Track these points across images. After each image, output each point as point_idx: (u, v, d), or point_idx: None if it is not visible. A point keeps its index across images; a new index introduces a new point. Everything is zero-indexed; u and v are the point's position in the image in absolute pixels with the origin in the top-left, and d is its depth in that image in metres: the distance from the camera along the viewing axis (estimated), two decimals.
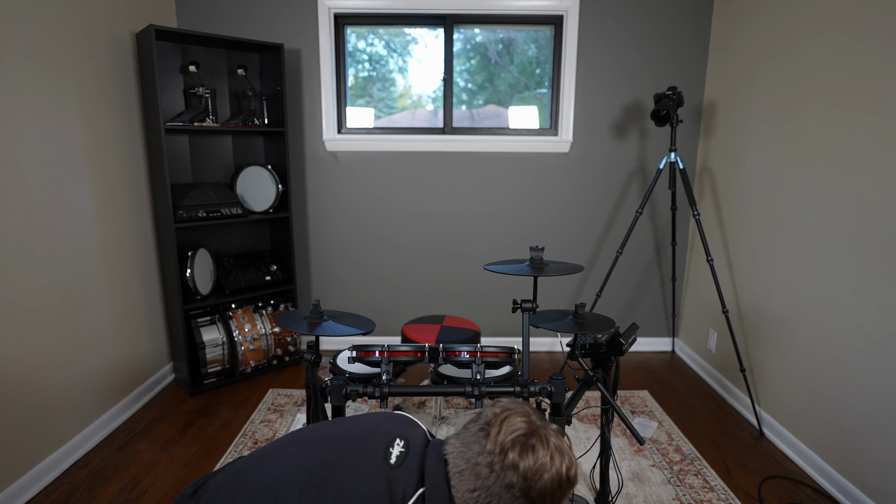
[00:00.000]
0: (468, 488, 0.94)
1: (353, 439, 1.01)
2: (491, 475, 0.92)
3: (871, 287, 1.90)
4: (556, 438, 0.97)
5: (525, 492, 0.92)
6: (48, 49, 2.06)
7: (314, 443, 1.02)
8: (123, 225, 2.55)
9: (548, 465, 0.93)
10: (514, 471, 0.92)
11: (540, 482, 0.92)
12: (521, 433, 0.95)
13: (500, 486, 0.92)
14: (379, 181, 3.23)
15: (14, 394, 1.90)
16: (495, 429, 0.96)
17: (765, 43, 2.55)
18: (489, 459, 0.93)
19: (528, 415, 0.99)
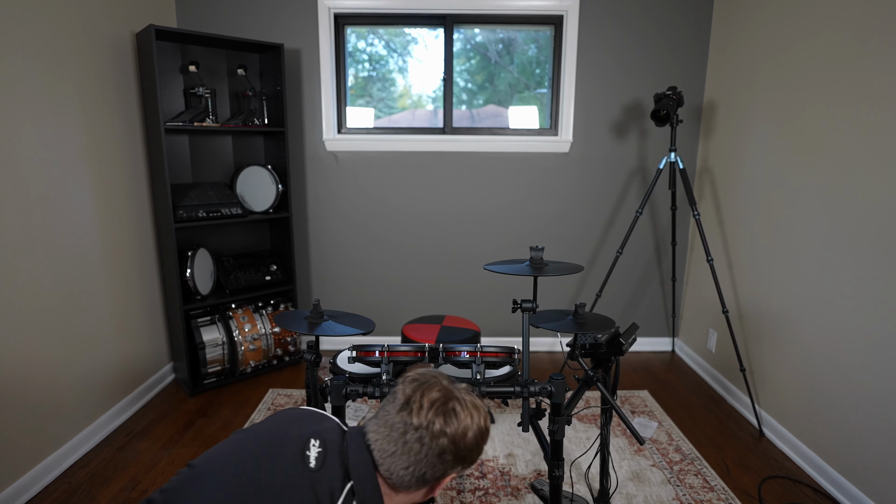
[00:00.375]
0: (402, 466, 0.97)
1: (266, 455, 0.97)
2: (423, 448, 0.96)
3: (872, 287, 1.90)
4: (469, 396, 1.04)
5: (455, 454, 0.98)
6: (48, 49, 2.06)
7: (227, 469, 0.96)
8: (123, 225, 2.55)
9: (470, 424, 1.00)
10: (444, 437, 0.96)
11: (466, 441, 0.99)
12: (441, 401, 0.99)
13: (434, 455, 0.97)
14: (379, 181, 3.23)
15: (14, 393, 1.90)
16: (416, 404, 0.99)
17: (765, 43, 2.55)
18: (418, 434, 0.96)
19: (440, 382, 1.04)
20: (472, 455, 1.02)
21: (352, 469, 0.97)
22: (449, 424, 0.97)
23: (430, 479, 0.99)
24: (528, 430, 1.64)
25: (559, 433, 1.59)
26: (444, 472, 1.00)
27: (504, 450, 2.31)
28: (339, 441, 1.02)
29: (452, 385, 1.05)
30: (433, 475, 0.99)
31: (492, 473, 2.15)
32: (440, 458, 0.97)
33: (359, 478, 0.96)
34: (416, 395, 1.00)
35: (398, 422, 0.98)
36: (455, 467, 1.01)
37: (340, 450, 1.00)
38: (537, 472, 2.17)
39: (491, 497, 2.01)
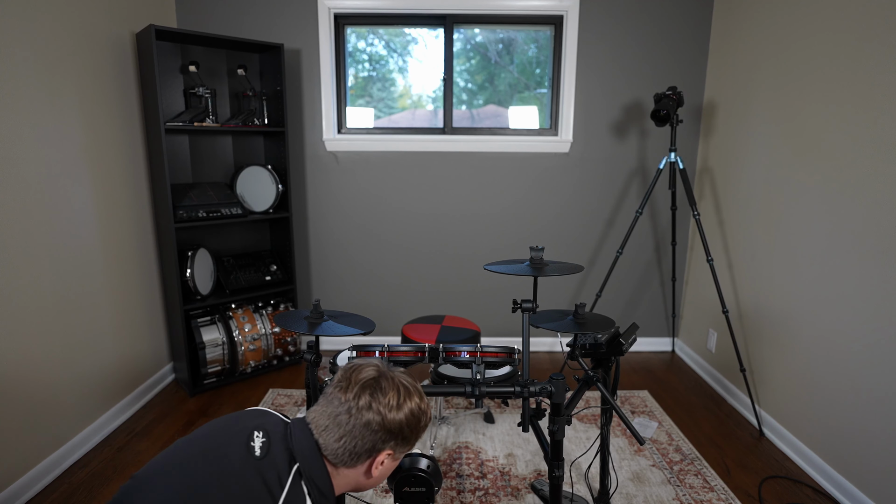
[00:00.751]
0: (334, 439, 1.03)
1: (212, 450, 0.99)
2: (350, 419, 1.02)
3: (872, 287, 1.90)
4: (402, 378, 1.11)
5: (383, 426, 1.03)
6: (48, 49, 2.06)
7: (174, 472, 0.96)
8: (123, 225, 2.55)
9: (397, 401, 1.06)
10: (369, 410, 1.03)
11: (395, 417, 1.05)
12: (371, 378, 1.07)
13: (360, 426, 1.02)
14: (379, 181, 3.23)
15: (14, 393, 1.90)
16: (346, 382, 1.06)
17: (765, 42, 2.55)
18: (346, 407, 1.03)
19: (376, 365, 1.11)
20: (404, 432, 1.06)
21: (296, 452, 1.01)
22: (375, 399, 1.04)
23: (361, 452, 1.04)
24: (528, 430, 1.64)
25: (559, 433, 1.59)
26: (374, 446, 1.04)
27: (504, 450, 2.31)
28: (283, 430, 1.06)
29: (387, 368, 1.12)
30: (363, 447, 1.03)
31: (492, 473, 2.15)
32: (367, 428, 1.02)
33: (303, 458, 1.01)
34: (349, 374, 1.08)
35: (332, 398, 1.05)
36: (387, 442, 1.05)
37: (284, 437, 1.03)
38: (537, 472, 2.17)
39: (491, 497, 2.01)
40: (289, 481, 0.97)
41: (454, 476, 2.13)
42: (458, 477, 2.12)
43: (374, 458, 1.07)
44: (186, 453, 0.99)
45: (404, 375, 1.13)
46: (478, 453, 2.29)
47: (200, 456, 0.98)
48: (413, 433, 1.09)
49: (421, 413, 1.10)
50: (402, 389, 1.08)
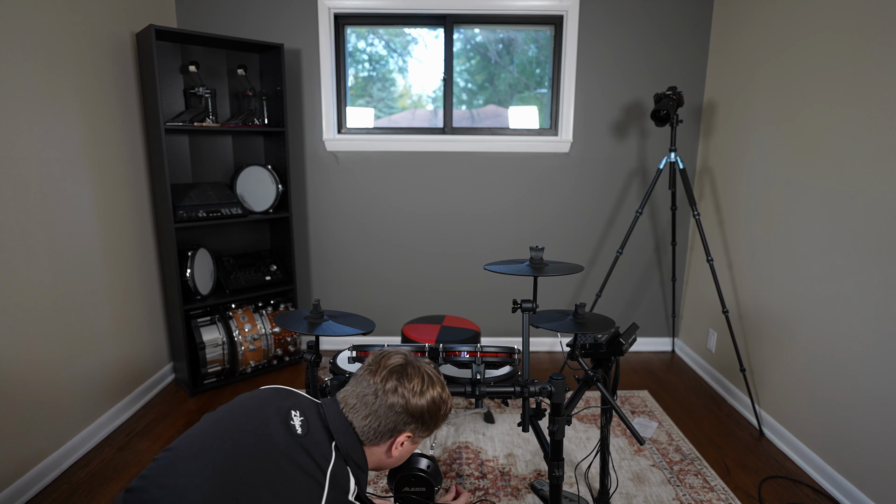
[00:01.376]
0: (361, 416, 1.13)
1: (249, 430, 1.02)
2: (376, 400, 1.13)
3: (872, 287, 1.90)
4: (427, 368, 1.20)
5: (406, 409, 1.13)
6: (48, 49, 2.06)
7: (211, 450, 0.98)
8: (123, 225, 2.55)
9: (421, 387, 1.15)
10: (395, 393, 1.13)
11: (418, 402, 1.14)
12: (399, 365, 1.17)
13: (385, 407, 1.12)
14: (379, 181, 3.23)
15: (14, 393, 1.90)
16: (376, 366, 1.17)
17: (765, 42, 2.55)
18: (373, 388, 1.13)
19: (404, 354, 1.21)
20: (424, 417, 1.16)
21: (333, 429, 1.10)
22: (401, 383, 1.14)
23: (384, 431, 1.13)
24: (528, 430, 1.64)
25: (559, 433, 1.59)
26: (396, 427, 1.14)
27: (504, 450, 2.31)
28: (316, 409, 1.15)
29: (414, 358, 1.21)
30: (386, 426, 1.13)
31: (492, 473, 2.15)
32: (391, 409, 1.12)
33: (339, 435, 1.10)
34: (379, 359, 1.19)
35: (361, 380, 1.16)
36: (408, 424, 1.15)
37: (319, 415, 1.13)
38: (537, 472, 2.17)
39: (491, 497, 2.01)
40: (332, 457, 1.06)
41: (454, 476, 2.13)
42: (458, 477, 2.12)
43: (395, 439, 1.15)
44: (220, 430, 1.03)
45: (430, 366, 1.22)
46: (478, 453, 2.29)
47: (237, 434, 1.02)
48: (433, 419, 1.18)
49: (441, 402, 1.19)
50: (426, 378, 1.17)
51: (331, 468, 1.03)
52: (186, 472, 0.95)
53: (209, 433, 1.03)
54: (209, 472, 0.94)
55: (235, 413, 1.08)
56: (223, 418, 1.06)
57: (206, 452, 0.98)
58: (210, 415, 1.09)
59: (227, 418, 1.06)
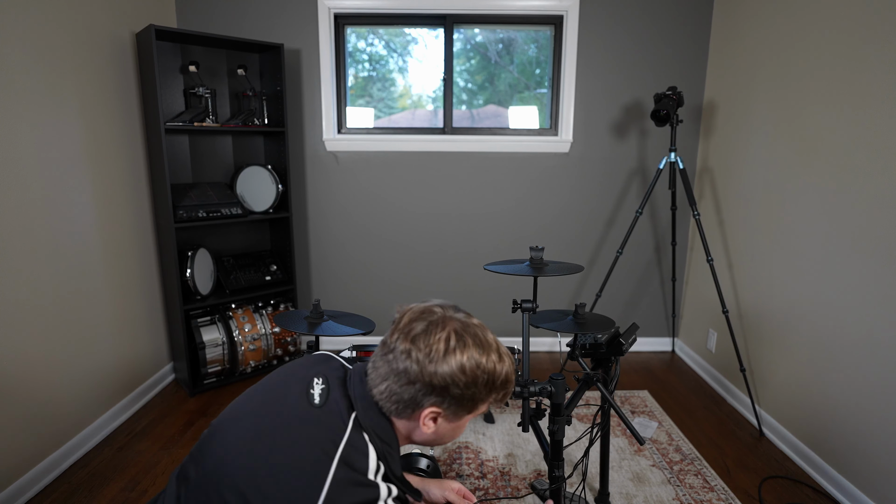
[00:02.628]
0: (377, 383, 0.93)
1: (274, 399, 0.96)
2: (391, 362, 0.91)
3: (872, 287, 1.90)
4: (461, 325, 0.93)
5: (421, 377, 0.89)
6: (48, 49, 2.06)
7: (243, 420, 0.95)
8: (123, 225, 2.55)
9: (445, 350, 0.89)
10: (407, 356, 0.89)
11: (436, 367, 0.89)
12: (421, 326, 0.92)
13: (397, 371, 0.90)
14: (379, 181, 3.23)
15: (14, 394, 1.90)
16: (396, 321, 0.95)
17: (765, 42, 2.55)
18: (390, 347, 0.92)
19: (437, 306, 0.96)
20: (450, 389, 0.90)
21: (353, 397, 0.94)
22: (416, 345, 0.90)
23: (402, 403, 0.92)
24: (528, 430, 1.64)
25: (559, 433, 1.59)
26: (414, 398, 0.91)
27: (504, 450, 2.31)
28: (343, 375, 0.99)
29: (452, 315, 0.95)
30: (401, 397, 0.91)
31: (492, 473, 2.15)
32: (405, 376, 0.90)
33: (360, 405, 0.93)
34: (402, 313, 0.96)
35: (385, 339, 0.95)
36: (429, 398, 0.91)
37: (342, 382, 0.97)
38: (537, 472, 2.17)
39: (491, 497, 2.01)
40: (348, 430, 0.90)
41: (454, 476, 2.13)
42: (458, 477, 2.12)
43: (418, 413, 0.93)
44: (254, 401, 0.98)
45: (473, 325, 0.95)
46: (478, 453, 2.29)
47: (265, 403, 0.95)
48: (469, 394, 0.92)
49: (479, 370, 0.90)
50: (454, 338, 0.90)
51: (344, 442, 0.87)
52: (222, 445, 0.93)
53: (244, 406, 0.99)
54: (241, 444, 0.91)
55: (269, 383, 1.01)
56: (256, 389, 1.01)
57: (238, 424, 0.95)
58: (253, 386, 1.04)
59: (260, 389, 1.01)
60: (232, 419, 0.97)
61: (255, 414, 0.95)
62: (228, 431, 0.95)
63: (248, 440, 0.91)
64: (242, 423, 0.95)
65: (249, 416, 0.95)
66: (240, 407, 1.00)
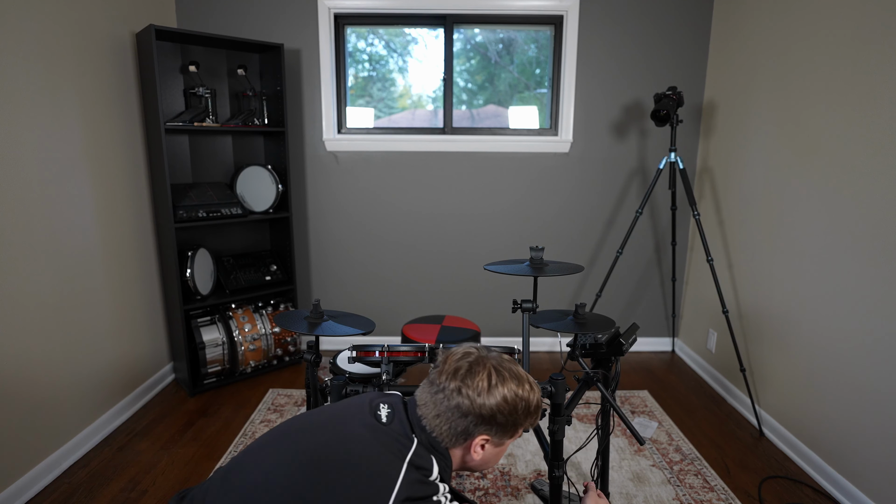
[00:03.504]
0: (432, 416, 1.08)
1: (335, 419, 1.08)
2: (444, 400, 1.07)
3: (871, 287, 1.90)
4: (497, 363, 1.10)
5: (472, 410, 1.06)
6: (48, 49, 2.06)
7: (301, 432, 1.07)
8: (123, 225, 2.55)
9: (488, 386, 1.06)
10: (458, 394, 1.06)
11: (484, 400, 1.06)
12: (465, 362, 1.10)
13: (451, 407, 1.06)
14: (379, 181, 3.23)
15: (14, 393, 1.90)
16: (442, 364, 1.11)
17: (765, 43, 2.55)
18: (440, 387, 1.08)
19: (474, 349, 1.14)
20: (497, 418, 1.06)
21: (413, 422, 1.09)
22: (465, 383, 1.06)
23: (457, 434, 1.07)
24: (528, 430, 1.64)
25: (559, 433, 1.59)
26: (467, 430, 1.06)
27: None
28: (402, 403, 1.15)
29: (485, 353, 1.13)
30: (456, 429, 1.06)
31: (492, 473, 2.15)
32: (458, 411, 1.06)
33: (418, 429, 1.08)
34: (446, 356, 1.13)
35: (432, 380, 1.11)
36: (479, 426, 1.07)
37: (404, 408, 1.13)
38: (537, 472, 2.17)
39: (491, 497, 2.01)
40: (414, 443, 1.05)
41: (454, 476, 2.13)
42: (458, 477, 2.12)
43: (470, 442, 1.09)
44: (307, 421, 1.09)
45: (505, 361, 1.12)
46: None
47: (324, 423, 1.08)
48: (511, 421, 1.08)
49: (518, 400, 1.08)
50: (494, 374, 1.07)
51: (412, 451, 1.03)
52: (272, 452, 1.03)
53: (293, 425, 1.09)
54: (289, 458, 1.01)
55: (325, 409, 1.14)
56: (311, 414, 1.13)
57: (287, 439, 1.05)
58: (298, 415, 1.15)
59: (316, 414, 1.12)
60: (281, 436, 1.08)
61: (309, 431, 1.06)
62: (282, 445, 1.05)
63: (302, 453, 1.01)
64: (293, 439, 1.05)
65: (302, 433, 1.06)
66: (289, 426, 1.10)
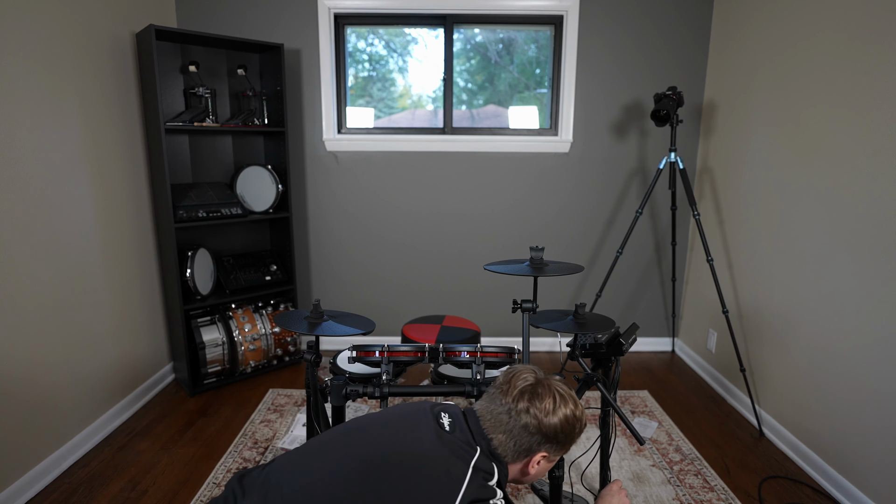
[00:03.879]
0: (500, 431, 1.14)
1: (403, 427, 1.12)
2: (510, 420, 1.13)
3: (871, 287, 1.90)
4: (559, 385, 1.18)
5: (539, 430, 1.12)
6: (48, 49, 2.06)
7: (369, 431, 1.11)
8: (123, 225, 2.55)
9: (553, 406, 1.14)
10: (527, 413, 1.12)
11: (550, 421, 1.13)
12: (529, 384, 1.16)
13: (519, 427, 1.12)
14: (379, 181, 3.23)
15: (14, 394, 1.90)
16: (506, 385, 1.17)
17: (765, 43, 2.55)
18: (507, 408, 1.14)
19: (533, 371, 1.20)
20: (559, 437, 1.15)
21: (475, 433, 1.14)
22: (532, 403, 1.13)
23: (519, 451, 1.14)
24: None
25: None
26: (531, 447, 1.13)
27: None
28: (461, 414, 1.19)
29: (544, 375, 1.20)
30: (521, 446, 1.13)
31: None
32: (525, 430, 1.12)
33: (481, 439, 1.13)
34: (510, 377, 1.18)
35: (494, 399, 1.17)
36: (543, 445, 1.14)
37: (464, 418, 1.18)
38: None
39: None
40: (477, 451, 1.10)
41: None
42: None
43: (530, 458, 1.16)
44: (374, 422, 1.14)
45: (560, 383, 1.20)
46: None
47: (390, 424, 1.12)
48: (568, 438, 1.17)
49: (575, 420, 1.17)
50: (557, 396, 1.15)
51: (476, 457, 1.08)
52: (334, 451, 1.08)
53: (356, 423, 1.14)
54: (358, 452, 1.06)
55: (380, 414, 1.18)
56: (367, 418, 1.16)
57: (354, 435, 1.10)
58: (354, 419, 1.19)
59: (372, 418, 1.16)
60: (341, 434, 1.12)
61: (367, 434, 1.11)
62: (332, 448, 1.09)
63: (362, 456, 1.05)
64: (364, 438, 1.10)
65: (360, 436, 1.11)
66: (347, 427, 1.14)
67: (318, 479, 1.03)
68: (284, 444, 2.34)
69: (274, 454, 2.27)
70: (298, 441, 2.36)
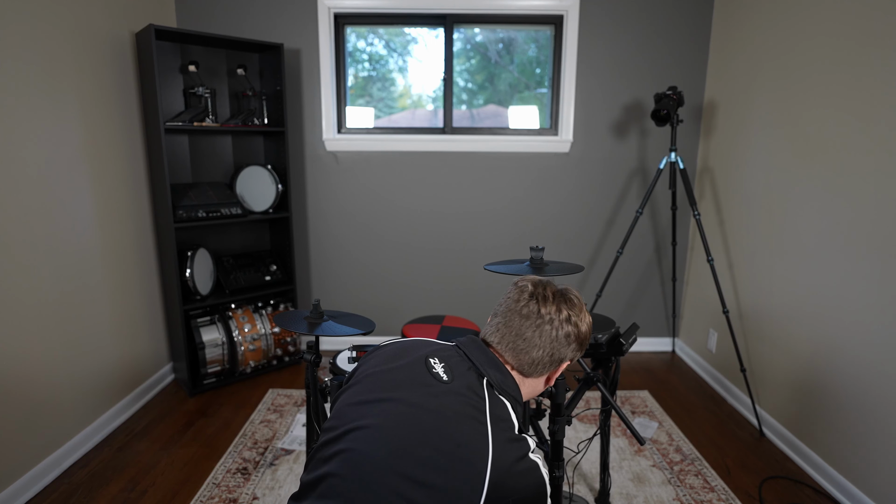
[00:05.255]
0: (535, 347, 1.05)
1: (403, 387, 1.00)
2: (552, 331, 1.05)
3: (871, 287, 1.90)
4: (574, 290, 1.14)
5: (577, 337, 1.08)
6: (48, 49, 2.06)
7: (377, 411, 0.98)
8: (123, 225, 2.55)
9: (584, 311, 1.11)
10: (568, 322, 1.06)
11: (584, 327, 1.09)
12: (559, 290, 1.11)
13: (560, 336, 1.06)
14: (379, 181, 3.23)
15: (14, 394, 1.90)
16: (541, 296, 1.08)
17: (765, 43, 2.55)
18: (546, 318, 1.05)
19: (551, 281, 1.15)
20: (586, 341, 1.11)
21: (481, 367, 1.05)
22: (572, 311, 1.07)
23: (551, 362, 1.07)
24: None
25: (559, 433, 1.59)
26: (563, 356, 1.08)
27: None
28: (454, 350, 1.10)
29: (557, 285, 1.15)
30: (554, 357, 1.07)
31: None
32: (567, 339, 1.06)
33: (490, 370, 1.04)
34: (539, 289, 1.09)
35: (518, 317, 1.06)
36: (576, 352, 1.10)
37: (459, 356, 1.08)
38: None
39: None
40: (486, 395, 1.00)
41: None
42: None
43: (556, 369, 1.10)
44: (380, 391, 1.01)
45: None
46: None
47: (395, 390, 1.00)
48: (586, 344, 1.13)
49: (591, 324, 1.14)
50: (579, 300, 1.12)
51: (488, 407, 0.98)
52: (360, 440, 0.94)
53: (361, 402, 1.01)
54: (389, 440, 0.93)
55: (381, 376, 1.05)
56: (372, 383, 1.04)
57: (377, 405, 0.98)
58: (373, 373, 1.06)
59: (376, 380, 1.04)
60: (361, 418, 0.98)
61: (390, 402, 0.98)
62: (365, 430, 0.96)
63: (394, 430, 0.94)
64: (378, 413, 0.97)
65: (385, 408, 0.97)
66: (359, 405, 1.00)
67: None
68: (284, 445, 2.34)
69: (274, 454, 2.27)
70: (298, 441, 2.36)
